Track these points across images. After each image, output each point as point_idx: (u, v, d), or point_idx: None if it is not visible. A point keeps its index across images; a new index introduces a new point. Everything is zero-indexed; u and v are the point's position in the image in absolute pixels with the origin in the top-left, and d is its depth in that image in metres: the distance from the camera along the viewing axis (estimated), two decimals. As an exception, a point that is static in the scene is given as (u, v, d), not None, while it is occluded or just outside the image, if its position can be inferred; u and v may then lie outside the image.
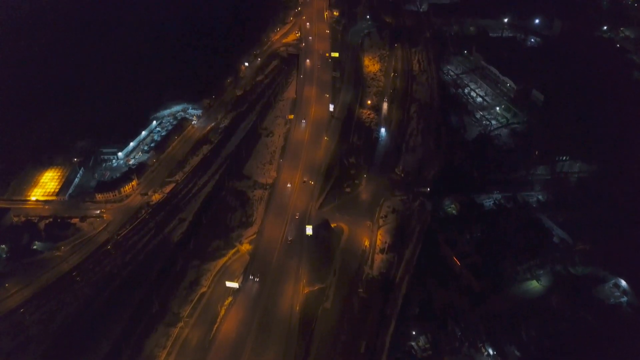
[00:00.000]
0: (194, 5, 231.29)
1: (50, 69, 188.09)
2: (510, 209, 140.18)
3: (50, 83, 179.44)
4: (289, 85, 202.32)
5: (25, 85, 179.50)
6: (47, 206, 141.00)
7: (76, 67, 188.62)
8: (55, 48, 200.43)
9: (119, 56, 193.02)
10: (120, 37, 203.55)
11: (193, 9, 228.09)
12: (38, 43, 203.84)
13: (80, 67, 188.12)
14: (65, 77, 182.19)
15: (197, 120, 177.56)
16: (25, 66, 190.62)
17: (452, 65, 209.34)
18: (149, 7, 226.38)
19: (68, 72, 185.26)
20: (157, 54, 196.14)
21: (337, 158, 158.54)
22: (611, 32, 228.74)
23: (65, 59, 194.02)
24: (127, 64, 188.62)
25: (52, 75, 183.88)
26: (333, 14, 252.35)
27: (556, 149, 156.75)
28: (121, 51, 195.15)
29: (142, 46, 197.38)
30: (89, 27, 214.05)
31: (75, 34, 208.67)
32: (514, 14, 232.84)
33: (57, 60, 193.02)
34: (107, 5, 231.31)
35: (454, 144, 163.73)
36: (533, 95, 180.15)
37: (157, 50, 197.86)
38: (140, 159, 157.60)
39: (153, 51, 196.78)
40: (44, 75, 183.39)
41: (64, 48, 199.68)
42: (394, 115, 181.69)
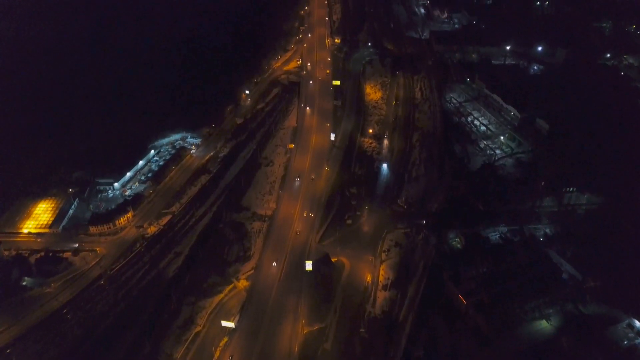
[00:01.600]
0: (195, 32, 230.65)
1: (47, 96, 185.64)
2: (516, 243, 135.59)
3: (46, 111, 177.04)
4: (289, 114, 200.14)
5: (21, 113, 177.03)
6: (39, 239, 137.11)
7: (73, 94, 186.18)
8: (51, 75, 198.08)
9: (117, 83, 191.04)
10: (118, 64, 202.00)
11: (193, 36, 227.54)
12: (34, 70, 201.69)
13: (78, 95, 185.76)
14: (62, 105, 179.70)
15: (196, 149, 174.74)
16: (21, 93, 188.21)
17: (454, 93, 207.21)
18: (148, 33, 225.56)
19: (65, 100, 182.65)
20: (156, 81, 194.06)
21: (338, 188, 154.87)
22: (615, 59, 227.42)
23: (62, 86, 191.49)
24: (126, 91, 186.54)
25: (48, 103, 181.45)
26: (335, 41, 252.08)
27: (563, 179, 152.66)
28: (119, 78, 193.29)
29: (141, 73, 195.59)
30: (86, 54, 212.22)
31: (72, 61, 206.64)
32: (516, 42, 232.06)
33: (53, 88, 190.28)
34: (104, 31, 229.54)
35: (458, 174, 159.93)
36: (537, 124, 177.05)
37: (157, 78, 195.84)
38: (136, 190, 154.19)
39: (152, 78, 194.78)
40: (39, 103, 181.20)
41: (60, 75, 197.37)
42: (396, 145, 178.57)
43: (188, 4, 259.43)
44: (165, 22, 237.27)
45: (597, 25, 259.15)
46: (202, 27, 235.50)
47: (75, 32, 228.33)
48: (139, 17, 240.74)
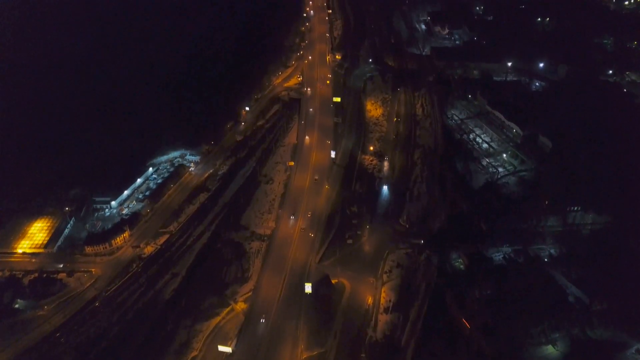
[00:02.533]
0: (195, 48, 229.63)
1: (44, 112, 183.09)
2: (521, 264, 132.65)
3: (42, 127, 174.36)
4: (290, 130, 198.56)
5: (17, 130, 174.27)
6: (34, 259, 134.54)
7: (71, 111, 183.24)
8: (48, 91, 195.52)
9: (115, 100, 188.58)
10: (117, 80, 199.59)
11: (193, 52, 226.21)
12: (30, 86, 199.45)
13: (76, 111, 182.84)
14: (59, 122, 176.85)
15: (195, 166, 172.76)
16: (18, 110, 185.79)
17: (456, 110, 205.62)
18: (147, 49, 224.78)
19: (62, 117, 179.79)
20: (155, 97, 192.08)
21: (339, 207, 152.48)
22: (617, 76, 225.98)
23: (59, 102, 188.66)
24: (125, 107, 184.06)
25: (45, 119, 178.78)
26: (335, 57, 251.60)
27: (567, 198, 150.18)
28: (118, 94, 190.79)
29: (140, 89, 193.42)
30: (84, 70, 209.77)
31: (70, 77, 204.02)
32: (518, 58, 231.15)
33: (50, 104, 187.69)
34: (103, 48, 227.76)
35: (460, 193, 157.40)
36: (540, 141, 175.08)
37: (156, 94, 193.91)
38: (134, 208, 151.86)
39: (151, 95, 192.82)
40: (36, 120, 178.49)
41: (57, 92, 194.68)
42: (397, 162, 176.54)
43: (187, 19, 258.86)
44: (164, 38, 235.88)
45: (598, 42, 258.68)
46: (202, 43, 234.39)
47: (72, 48, 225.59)
48: (138, 32, 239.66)
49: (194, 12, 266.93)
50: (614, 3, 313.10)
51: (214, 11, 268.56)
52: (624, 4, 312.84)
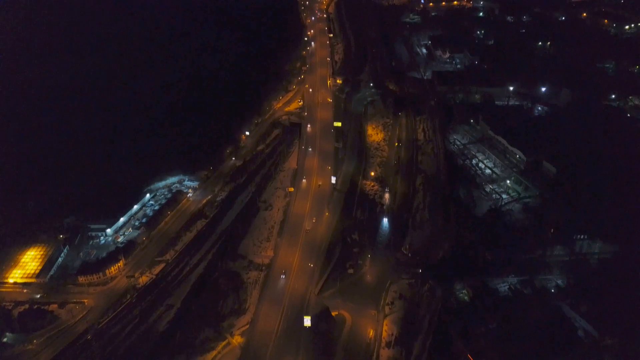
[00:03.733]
0: (194, 72, 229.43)
1: (38, 138, 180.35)
2: (527, 295, 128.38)
3: (38, 153, 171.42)
4: (290, 155, 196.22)
5: (11, 156, 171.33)
6: (25, 290, 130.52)
7: (66, 136, 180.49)
8: (43, 116, 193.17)
9: (113, 124, 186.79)
10: (115, 105, 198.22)
11: (193, 76, 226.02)
12: (25, 110, 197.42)
13: (72, 136, 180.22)
14: (55, 147, 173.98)
15: (193, 192, 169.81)
16: (13, 133, 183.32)
17: (458, 135, 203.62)
18: (146, 73, 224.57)
19: (57, 142, 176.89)
20: (153, 121, 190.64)
21: (339, 235, 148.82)
22: (620, 100, 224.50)
23: (55, 127, 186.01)
24: (122, 132, 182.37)
25: (40, 145, 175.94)
26: (336, 81, 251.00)
27: (573, 226, 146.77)
28: (116, 119, 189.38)
29: (138, 114, 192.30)
30: (81, 95, 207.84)
31: (66, 102, 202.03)
32: (520, 82, 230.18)
33: (45, 129, 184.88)
34: (101, 71, 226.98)
35: (463, 220, 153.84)
36: (544, 167, 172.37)
37: (154, 118, 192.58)
38: (129, 236, 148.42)
39: (149, 119, 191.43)
40: (31, 145, 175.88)
41: (53, 116, 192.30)
42: (399, 188, 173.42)
43: (187, 43, 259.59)
44: (164, 62, 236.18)
45: (600, 66, 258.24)
46: (202, 67, 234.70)
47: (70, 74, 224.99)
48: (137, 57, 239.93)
49: (194, 36, 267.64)
50: (615, 27, 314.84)
51: (214, 35, 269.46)
52: (625, 29, 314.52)
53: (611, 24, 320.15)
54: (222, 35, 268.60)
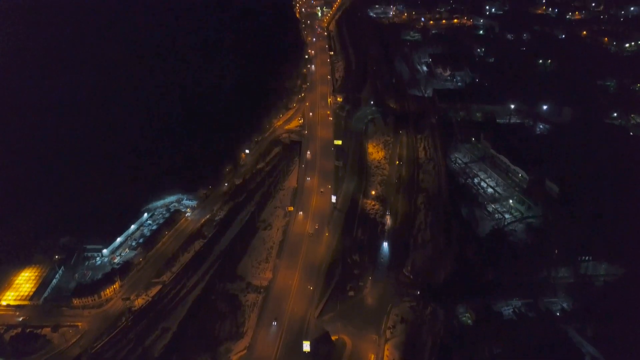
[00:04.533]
0: (194, 89, 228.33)
1: (33, 155, 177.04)
2: (532, 319, 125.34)
3: (33, 172, 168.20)
4: (290, 174, 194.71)
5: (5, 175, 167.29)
6: (17, 312, 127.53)
7: (62, 154, 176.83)
8: (39, 133, 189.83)
9: (110, 142, 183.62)
10: (112, 123, 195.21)
11: (192, 94, 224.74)
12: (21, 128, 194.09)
13: (67, 154, 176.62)
14: (50, 165, 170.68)
15: (192, 212, 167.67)
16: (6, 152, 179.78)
17: (459, 153, 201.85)
18: (145, 90, 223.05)
19: (53, 160, 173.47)
20: (153, 139, 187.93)
21: (340, 256, 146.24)
22: (622, 119, 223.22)
23: (50, 144, 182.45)
24: (119, 150, 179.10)
25: (35, 162, 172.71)
26: (337, 99, 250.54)
27: (577, 247, 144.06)
28: (113, 137, 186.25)
29: (136, 132, 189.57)
30: (78, 111, 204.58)
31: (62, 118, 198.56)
32: (521, 100, 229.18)
33: (40, 146, 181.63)
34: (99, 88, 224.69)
35: (466, 241, 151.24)
36: (547, 186, 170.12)
37: (154, 136, 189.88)
38: (126, 257, 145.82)
39: (149, 136, 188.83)
40: (26, 163, 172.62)
41: (48, 133, 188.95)
42: (400, 207, 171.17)
43: (187, 61, 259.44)
44: (163, 79, 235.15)
45: (601, 84, 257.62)
46: (202, 84, 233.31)
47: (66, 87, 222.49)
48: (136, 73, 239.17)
49: (195, 53, 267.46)
50: (615, 45, 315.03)
51: (215, 52, 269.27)
52: (625, 47, 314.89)
53: (611, 41, 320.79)
54: (223, 53, 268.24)
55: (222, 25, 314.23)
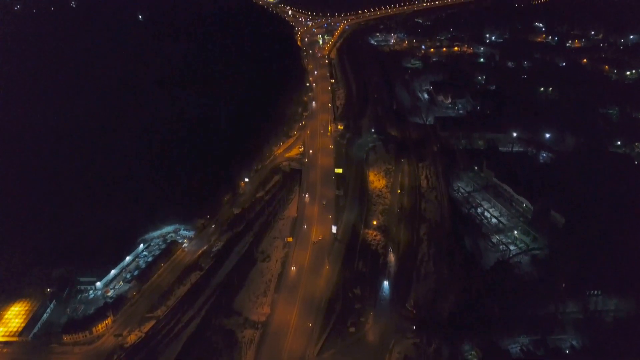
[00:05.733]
0: (193, 116, 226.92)
1: (26, 182, 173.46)
2: (541, 357, 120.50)
3: (26, 200, 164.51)
4: (290, 202, 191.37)
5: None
6: (5, 349, 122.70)
7: (56, 182, 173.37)
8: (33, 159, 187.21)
9: (106, 170, 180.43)
10: (109, 150, 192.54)
11: (193, 121, 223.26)
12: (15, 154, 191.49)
13: (62, 182, 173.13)
14: (44, 194, 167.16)
15: (189, 242, 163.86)
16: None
17: (462, 182, 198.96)
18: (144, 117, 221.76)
19: (47, 188, 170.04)
20: (150, 167, 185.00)
21: (340, 290, 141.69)
22: (626, 147, 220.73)
23: (45, 171, 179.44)
24: (117, 178, 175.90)
25: (29, 191, 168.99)
26: (338, 127, 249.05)
27: (585, 281, 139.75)
28: (110, 165, 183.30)
29: (134, 159, 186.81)
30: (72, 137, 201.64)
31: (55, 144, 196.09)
32: (523, 128, 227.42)
33: (34, 173, 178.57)
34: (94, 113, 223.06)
35: (470, 274, 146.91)
36: (552, 216, 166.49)
37: (151, 164, 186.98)
38: (120, 290, 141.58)
39: (146, 164, 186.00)
40: (19, 192, 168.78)
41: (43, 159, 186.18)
42: (403, 238, 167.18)
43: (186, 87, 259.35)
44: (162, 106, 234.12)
45: (603, 112, 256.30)
46: (202, 111, 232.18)
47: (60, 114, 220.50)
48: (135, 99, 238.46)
49: (195, 80, 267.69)
50: (616, 73, 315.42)
51: (215, 79, 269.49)
52: (626, 74, 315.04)
53: (612, 69, 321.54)
54: (223, 80, 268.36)
55: (223, 52, 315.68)
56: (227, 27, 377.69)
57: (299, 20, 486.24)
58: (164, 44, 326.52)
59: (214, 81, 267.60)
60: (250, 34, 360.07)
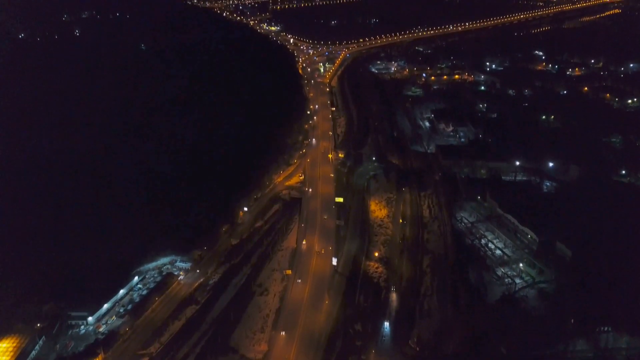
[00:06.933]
0: (192, 144, 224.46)
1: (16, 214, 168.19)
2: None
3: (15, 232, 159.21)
4: (289, 233, 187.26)
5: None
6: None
7: (48, 211, 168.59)
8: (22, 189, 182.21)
9: (100, 199, 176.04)
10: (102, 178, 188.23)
11: (191, 149, 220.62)
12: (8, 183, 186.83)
13: (53, 212, 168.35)
14: (36, 224, 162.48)
15: (185, 275, 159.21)
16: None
17: (465, 212, 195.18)
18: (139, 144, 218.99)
19: (38, 218, 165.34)
20: (147, 196, 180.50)
21: (341, 325, 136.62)
22: (630, 176, 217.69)
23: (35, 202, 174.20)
24: (111, 207, 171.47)
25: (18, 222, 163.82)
26: (338, 155, 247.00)
27: (595, 316, 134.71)
28: (104, 193, 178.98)
29: (129, 188, 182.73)
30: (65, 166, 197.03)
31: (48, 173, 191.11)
32: (526, 157, 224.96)
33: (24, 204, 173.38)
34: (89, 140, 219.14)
35: (475, 308, 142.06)
36: (558, 249, 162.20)
37: (147, 193, 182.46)
38: (112, 325, 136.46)
39: (142, 194, 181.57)
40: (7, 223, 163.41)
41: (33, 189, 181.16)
42: (405, 270, 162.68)
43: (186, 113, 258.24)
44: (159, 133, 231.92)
45: (606, 140, 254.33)
46: (200, 139, 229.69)
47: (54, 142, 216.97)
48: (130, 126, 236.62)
49: (193, 107, 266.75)
50: (617, 102, 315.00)
51: (216, 107, 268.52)
52: (628, 103, 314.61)
53: (613, 98, 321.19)
54: (224, 108, 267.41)
55: (224, 80, 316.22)
56: (229, 55, 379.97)
57: (300, 49, 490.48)
58: (166, 72, 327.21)
59: (214, 109, 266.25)
60: (252, 62, 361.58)
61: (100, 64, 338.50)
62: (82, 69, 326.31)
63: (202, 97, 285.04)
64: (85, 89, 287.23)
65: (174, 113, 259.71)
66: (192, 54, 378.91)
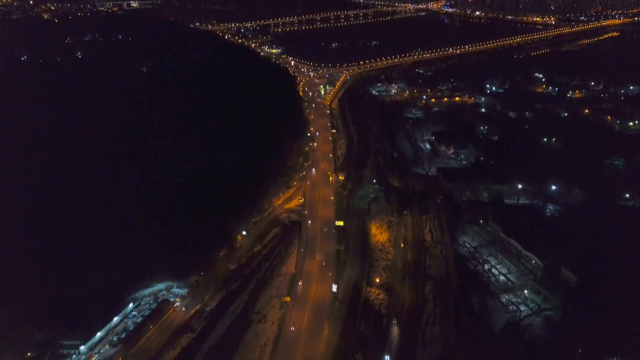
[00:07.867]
0: (191, 168, 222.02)
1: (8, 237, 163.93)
2: None
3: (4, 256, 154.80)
4: (288, 257, 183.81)
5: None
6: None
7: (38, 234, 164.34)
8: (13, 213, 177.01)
9: (95, 222, 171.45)
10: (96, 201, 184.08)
11: (189, 172, 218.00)
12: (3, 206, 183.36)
13: (44, 235, 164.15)
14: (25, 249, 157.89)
15: (181, 301, 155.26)
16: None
17: (467, 237, 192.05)
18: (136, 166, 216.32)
19: (28, 242, 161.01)
20: (142, 220, 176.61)
21: (341, 355, 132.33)
22: (635, 200, 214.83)
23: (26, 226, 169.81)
24: (106, 232, 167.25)
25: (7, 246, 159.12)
26: (338, 177, 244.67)
27: (603, 345, 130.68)
28: (99, 217, 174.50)
29: (125, 212, 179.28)
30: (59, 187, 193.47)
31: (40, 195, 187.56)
32: (528, 180, 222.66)
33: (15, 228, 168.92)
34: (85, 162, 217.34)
35: (479, 337, 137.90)
36: (563, 274, 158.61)
37: (143, 217, 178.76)
38: (105, 354, 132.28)
39: (138, 217, 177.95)
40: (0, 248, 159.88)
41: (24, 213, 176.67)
42: (407, 297, 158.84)
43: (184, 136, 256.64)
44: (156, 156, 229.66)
45: (609, 163, 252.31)
46: (198, 162, 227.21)
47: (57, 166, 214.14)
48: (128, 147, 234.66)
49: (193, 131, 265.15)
50: (619, 124, 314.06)
51: (215, 130, 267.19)
52: (629, 125, 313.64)
53: (614, 120, 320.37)
54: (223, 131, 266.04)
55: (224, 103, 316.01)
56: (229, 77, 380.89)
57: (301, 71, 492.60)
58: (165, 95, 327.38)
59: (213, 131, 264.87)
60: (253, 84, 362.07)
61: (101, 86, 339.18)
62: (83, 91, 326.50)
63: (201, 119, 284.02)
64: (84, 111, 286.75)
65: (172, 135, 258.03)
66: (193, 76, 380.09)
